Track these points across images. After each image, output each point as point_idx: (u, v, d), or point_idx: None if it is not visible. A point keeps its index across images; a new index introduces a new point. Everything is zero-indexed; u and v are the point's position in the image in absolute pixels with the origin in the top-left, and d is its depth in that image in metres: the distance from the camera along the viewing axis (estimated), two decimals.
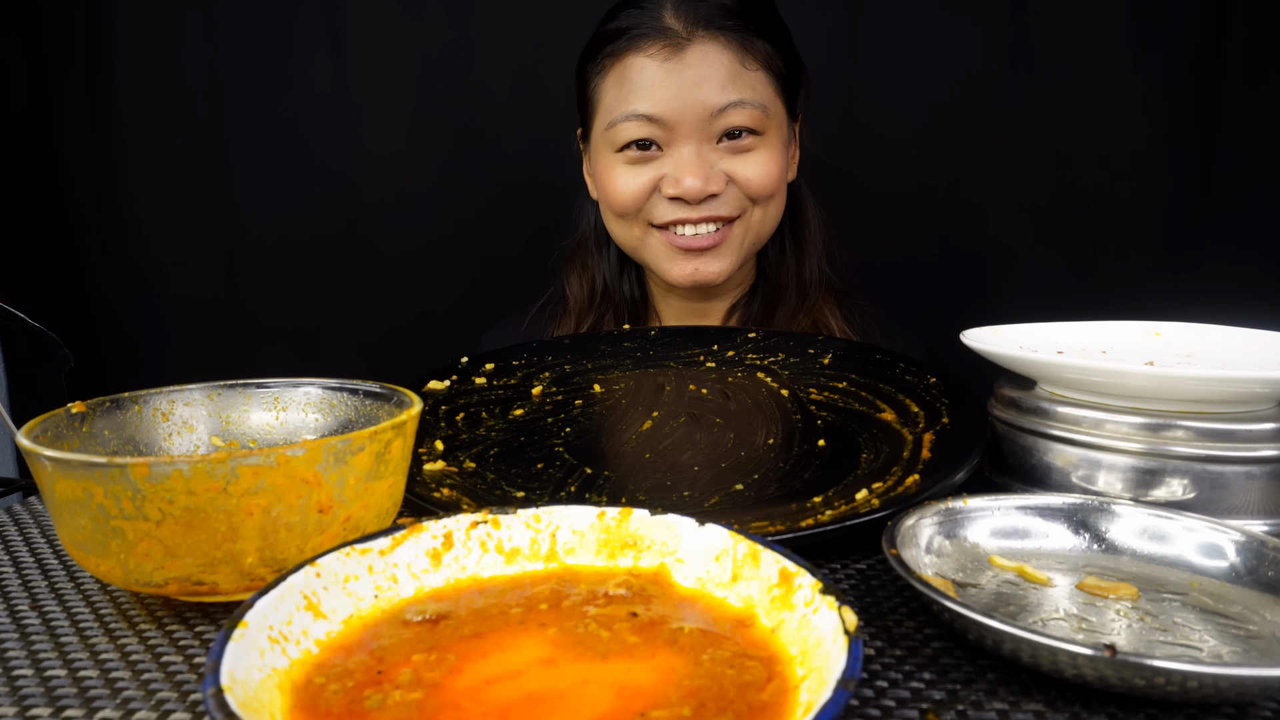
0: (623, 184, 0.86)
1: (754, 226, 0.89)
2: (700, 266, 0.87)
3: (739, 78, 0.83)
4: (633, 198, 0.86)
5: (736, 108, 0.83)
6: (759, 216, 0.88)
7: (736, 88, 0.83)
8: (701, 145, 0.84)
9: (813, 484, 0.53)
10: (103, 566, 0.39)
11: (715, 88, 0.82)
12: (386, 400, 0.50)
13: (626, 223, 0.89)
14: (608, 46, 0.86)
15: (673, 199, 0.85)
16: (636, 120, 0.83)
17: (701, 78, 0.82)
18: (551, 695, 0.29)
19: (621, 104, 0.84)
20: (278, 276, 1.32)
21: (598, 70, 0.88)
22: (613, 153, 0.87)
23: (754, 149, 0.85)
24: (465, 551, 0.39)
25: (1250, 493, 0.48)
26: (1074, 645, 0.32)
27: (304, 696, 0.30)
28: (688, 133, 0.83)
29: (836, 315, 0.95)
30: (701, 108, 0.82)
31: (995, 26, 1.18)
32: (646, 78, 0.83)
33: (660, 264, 0.89)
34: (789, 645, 0.32)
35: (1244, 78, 1.15)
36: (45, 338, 0.81)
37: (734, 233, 0.88)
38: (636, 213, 0.88)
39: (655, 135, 0.84)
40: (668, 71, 0.82)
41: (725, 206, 0.86)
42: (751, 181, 0.85)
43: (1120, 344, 0.65)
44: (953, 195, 1.24)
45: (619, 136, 0.85)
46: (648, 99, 0.83)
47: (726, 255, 0.88)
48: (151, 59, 1.27)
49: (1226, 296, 0.81)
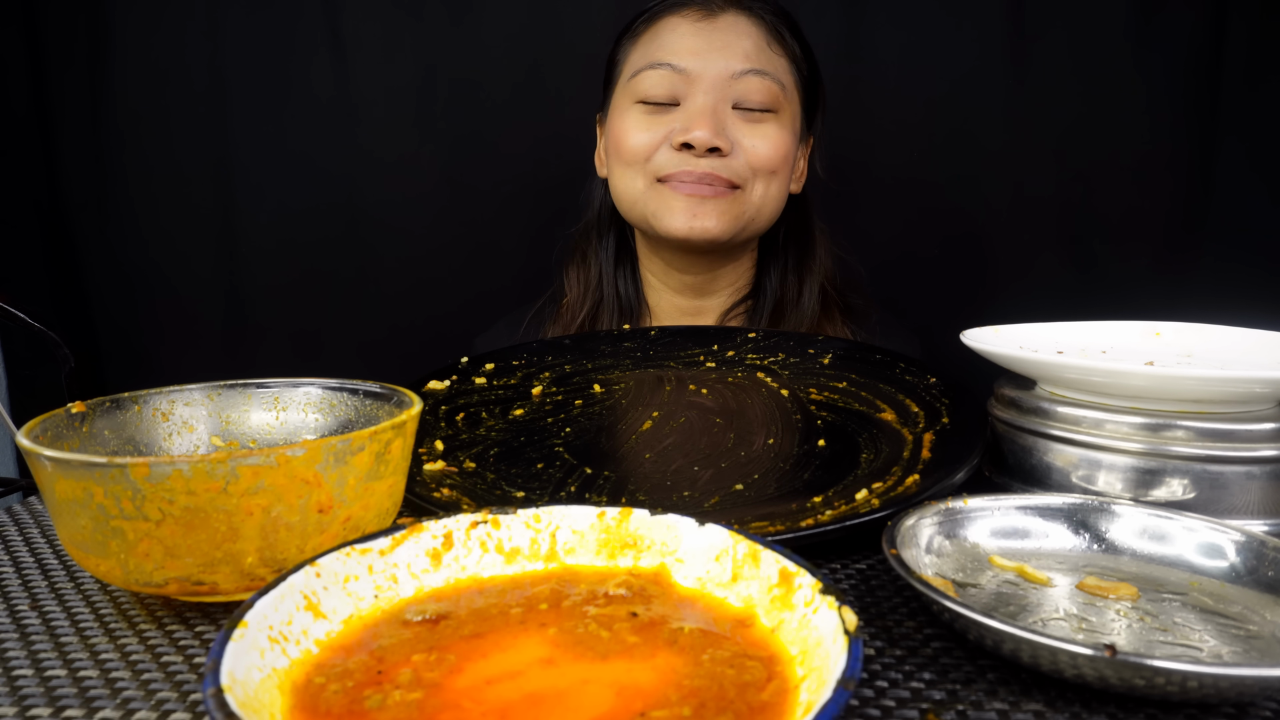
0: (635, 132, 0.89)
1: (754, 201, 0.89)
2: (699, 215, 0.87)
3: (763, 52, 0.87)
4: (643, 146, 0.88)
5: (757, 75, 0.86)
6: (760, 192, 0.89)
7: (760, 59, 0.86)
8: (718, 103, 0.86)
9: (813, 484, 0.53)
10: (103, 566, 0.39)
11: (740, 54, 0.86)
12: (386, 400, 0.50)
13: (632, 172, 0.90)
14: (645, 15, 0.91)
15: (680, 149, 0.86)
16: (661, 69, 0.87)
17: (728, 42, 0.86)
18: (551, 695, 0.29)
19: (648, 56, 0.88)
20: (278, 276, 1.32)
21: (631, 36, 0.92)
22: (632, 103, 0.89)
23: (765, 122, 0.87)
24: (465, 551, 0.39)
25: (1250, 493, 0.48)
26: (1074, 645, 0.32)
27: (304, 696, 0.29)
28: (706, 88, 0.86)
29: (838, 327, 0.96)
30: (724, 67, 0.85)
31: (995, 26, 1.19)
32: (677, 34, 0.87)
33: (660, 215, 0.89)
34: (789, 645, 0.32)
35: (1244, 79, 1.15)
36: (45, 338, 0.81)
37: (734, 198, 0.88)
38: (644, 163, 0.89)
39: (676, 88, 0.87)
40: (697, 30, 0.87)
41: (727, 170, 0.86)
42: (758, 149, 0.87)
43: (1120, 344, 0.65)
44: (953, 195, 1.24)
45: (641, 85, 0.88)
46: (674, 51, 0.87)
47: (725, 215, 0.88)
48: (151, 59, 1.27)
49: (1226, 297, 0.81)
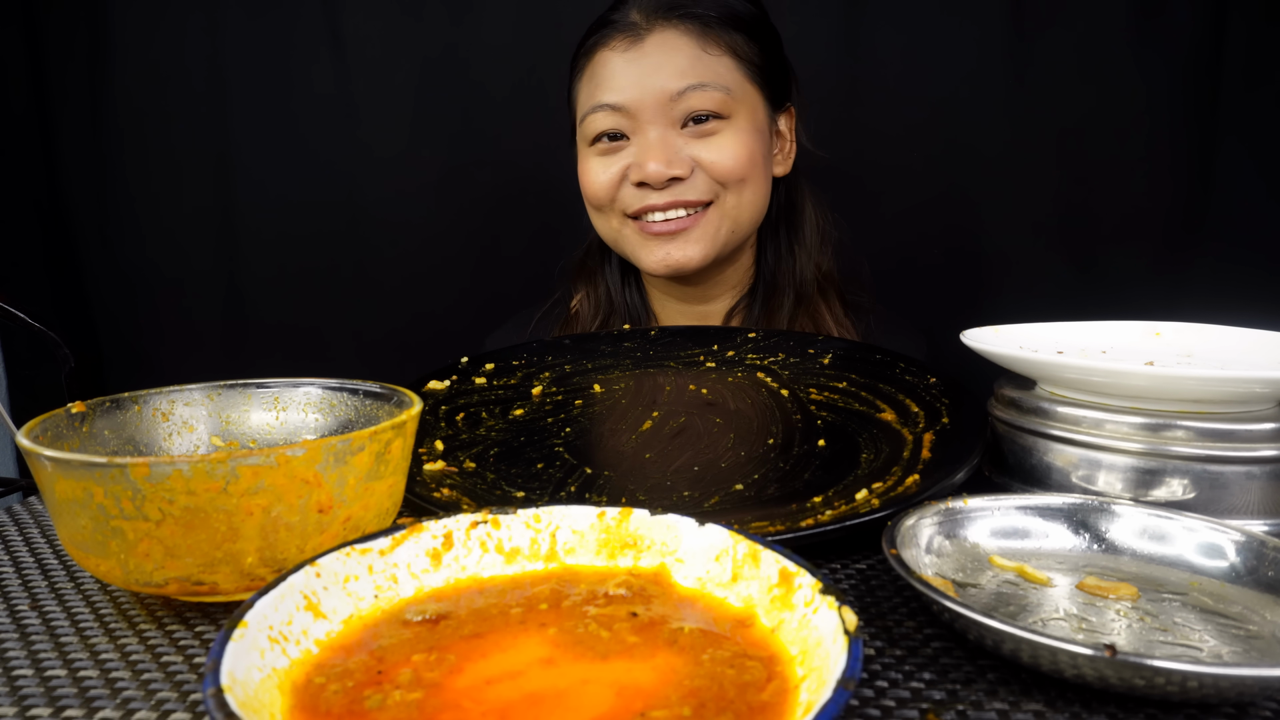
0: (594, 175, 0.89)
1: (729, 213, 0.88)
2: (672, 251, 0.87)
3: (699, 62, 0.84)
4: (604, 188, 0.88)
5: (697, 90, 0.84)
6: (733, 202, 0.88)
7: (696, 72, 0.84)
8: (665, 130, 0.85)
9: (813, 484, 0.53)
10: (103, 566, 0.39)
11: (674, 73, 0.84)
12: (386, 400, 0.50)
13: (604, 215, 0.91)
14: (582, 49, 0.90)
15: (639, 185, 0.86)
16: (602, 110, 0.86)
17: (659, 64, 0.84)
18: (551, 695, 0.29)
19: (589, 98, 0.87)
20: (278, 276, 1.32)
21: (576, 73, 0.91)
22: (586, 146, 0.90)
23: (719, 133, 0.86)
24: (465, 551, 0.39)
25: (1250, 493, 0.48)
26: (1074, 645, 0.32)
27: (304, 696, 0.29)
28: (650, 118, 0.85)
29: (838, 315, 0.95)
30: (660, 92, 0.84)
31: (995, 26, 1.18)
32: (609, 70, 0.86)
33: (636, 253, 0.90)
34: (789, 645, 0.32)
35: (1244, 79, 1.15)
36: (45, 338, 0.81)
37: (708, 218, 0.87)
38: (611, 203, 0.89)
39: (621, 125, 0.86)
40: (628, 61, 0.85)
41: (693, 191, 0.86)
42: (717, 164, 0.85)
43: (1120, 344, 0.65)
44: (953, 195, 1.24)
45: (589, 129, 0.88)
46: (610, 89, 0.85)
47: (699, 241, 0.87)
48: (151, 59, 1.27)
49: (1226, 296, 0.81)
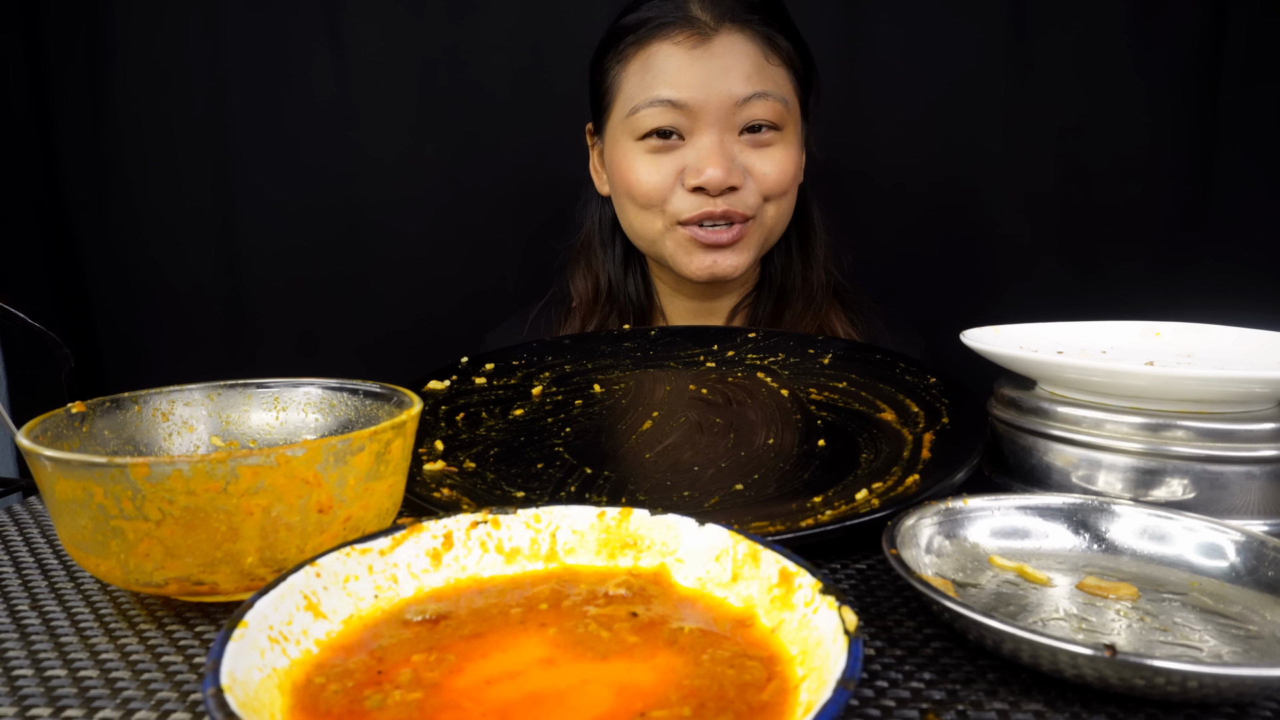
0: (645, 175, 0.85)
1: (767, 224, 0.88)
2: (719, 260, 0.86)
3: (763, 70, 0.83)
4: (655, 189, 0.85)
5: (760, 99, 0.82)
6: (772, 214, 0.88)
7: (761, 80, 0.83)
8: (724, 135, 0.83)
9: (813, 484, 0.53)
10: (103, 566, 0.39)
11: (741, 77, 0.82)
12: (386, 400, 0.50)
13: (649, 215, 0.87)
14: (630, 35, 0.85)
15: (694, 190, 0.84)
16: (660, 106, 0.83)
17: (727, 67, 0.82)
18: (551, 695, 0.29)
19: (645, 90, 0.84)
20: (278, 276, 1.32)
21: (618, 59, 0.87)
22: (633, 141, 0.86)
23: (773, 144, 0.85)
24: (465, 551, 0.39)
25: (1250, 493, 0.48)
26: (1074, 645, 0.32)
27: (304, 696, 0.29)
28: (711, 121, 0.82)
29: (843, 319, 0.95)
30: (727, 96, 0.82)
31: (995, 26, 1.18)
32: (672, 64, 0.82)
33: (678, 257, 0.88)
34: (789, 645, 0.32)
35: (1244, 78, 1.15)
36: (45, 338, 0.81)
37: (751, 230, 0.87)
38: (660, 205, 0.86)
39: (678, 123, 0.83)
40: (694, 59, 0.82)
41: (743, 204, 0.85)
42: (769, 176, 0.85)
43: (1120, 344, 0.65)
44: (953, 195, 1.24)
45: (641, 123, 0.84)
46: (673, 84, 0.82)
47: (743, 251, 0.87)
48: (151, 59, 1.27)
49: (1226, 296, 0.81)
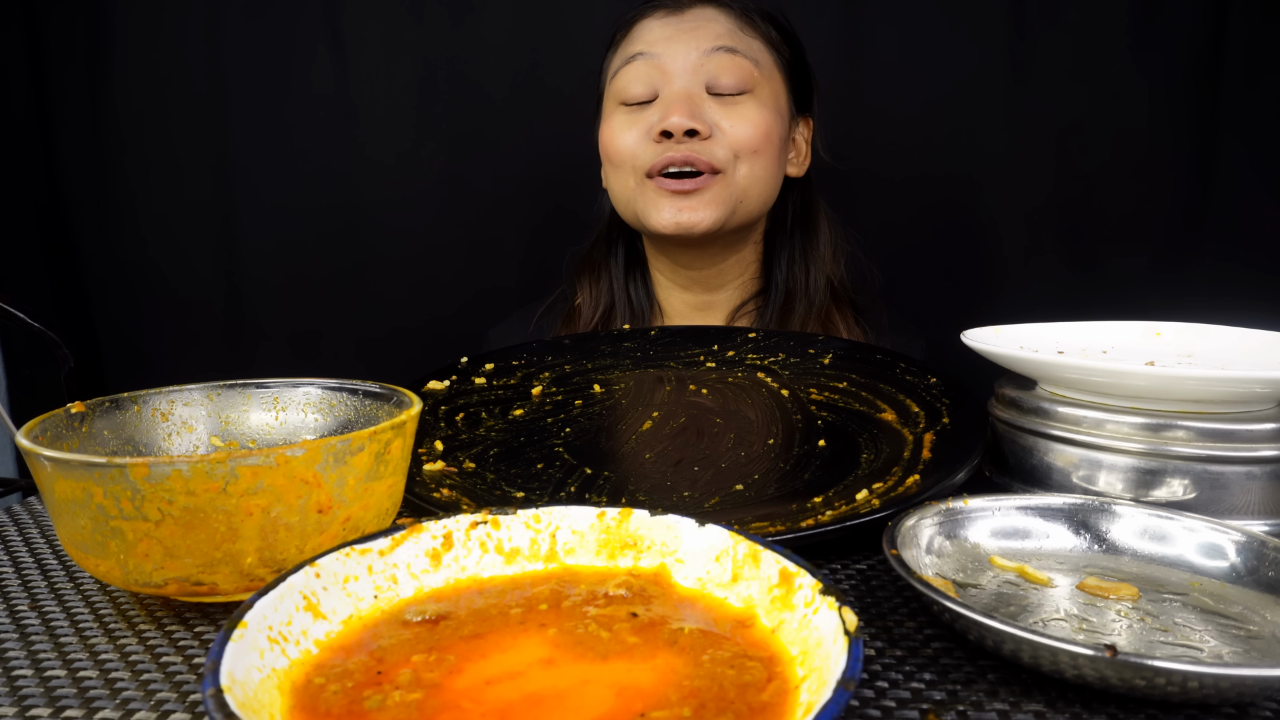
0: (619, 132, 0.91)
1: (740, 183, 0.89)
2: (683, 209, 0.87)
3: (734, 34, 0.89)
4: (628, 146, 0.90)
5: (727, 53, 0.87)
6: (745, 173, 0.89)
7: (730, 39, 0.88)
8: (690, 88, 0.88)
9: (813, 484, 0.53)
10: (102, 567, 0.39)
11: (709, 35, 0.88)
12: (386, 400, 0.50)
13: (623, 174, 0.91)
14: (621, 29, 0.94)
15: (660, 138, 0.87)
16: (634, 62, 0.89)
17: (697, 26, 0.89)
18: (551, 696, 0.29)
19: (624, 55, 0.91)
20: (278, 276, 1.32)
21: (612, 48, 0.95)
22: (615, 105, 0.92)
23: (743, 104, 0.88)
24: (465, 552, 0.39)
25: (1250, 493, 0.48)
26: (1074, 645, 0.31)
27: (304, 697, 0.29)
28: (678, 72, 0.88)
29: (850, 324, 0.95)
30: (694, 47, 0.87)
31: (995, 26, 1.18)
32: (647, 29, 0.91)
33: (649, 212, 0.90)
34: (789, 646, 0.32)
35: (1244, 78, 1.15)
36: (45, 338, 0.81)
37: (719, 184, 0.88)
38: (631, 160, 0.90)
39: (652, 80, 0.89)
40: (665, 23, 0.90)
41: (708, 153, 0.87)
42: (737, 130, 0.87)
43: (1120, 344, 0.65)
44: (953, 195, 1.24)
45: (619, 84, 0.91)
46: (644, 42, 0.90)
47: (711, 205, 0.88)
48: (151, 59, 1.27)
49: (1226, 296, 0.81)
